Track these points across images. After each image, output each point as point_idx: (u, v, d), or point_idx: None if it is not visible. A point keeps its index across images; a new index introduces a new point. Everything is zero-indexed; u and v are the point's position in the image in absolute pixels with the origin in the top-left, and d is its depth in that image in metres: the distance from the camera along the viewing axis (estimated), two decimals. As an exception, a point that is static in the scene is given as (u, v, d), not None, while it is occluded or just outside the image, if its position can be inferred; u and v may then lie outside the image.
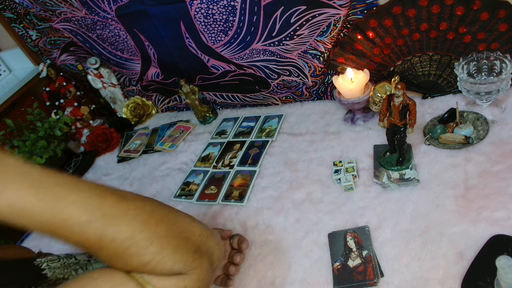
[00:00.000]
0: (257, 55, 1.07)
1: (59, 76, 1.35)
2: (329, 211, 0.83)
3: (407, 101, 0.76)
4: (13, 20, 1.31)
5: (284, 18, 0.95)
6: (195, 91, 1.25)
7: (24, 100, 1.48)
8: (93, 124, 1.40)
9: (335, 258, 0.73)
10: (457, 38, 0.91)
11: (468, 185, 0.76)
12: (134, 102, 1.45)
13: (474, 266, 0.62)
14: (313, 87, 1.13)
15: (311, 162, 0.97)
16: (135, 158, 1.27)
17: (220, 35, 1.04)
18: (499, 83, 0.81)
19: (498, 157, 0.78)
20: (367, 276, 0.68)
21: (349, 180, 0.85)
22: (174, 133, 1.30)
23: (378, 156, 0.89)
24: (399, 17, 0.93)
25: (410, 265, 0.67)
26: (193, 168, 1.12)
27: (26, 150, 1.18)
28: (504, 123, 0.85)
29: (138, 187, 1.14)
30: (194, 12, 1.01)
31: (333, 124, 1.06)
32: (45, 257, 0.57)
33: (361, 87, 0.97)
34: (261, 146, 1.09)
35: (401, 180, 0.81)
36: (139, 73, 1.31)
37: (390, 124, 0.81)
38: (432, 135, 0.88)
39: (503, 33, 0.87)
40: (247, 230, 0.86)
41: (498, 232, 0.65)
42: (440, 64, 0.95)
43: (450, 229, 0.70)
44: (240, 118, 1.25)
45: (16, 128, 1.24)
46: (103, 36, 1.20)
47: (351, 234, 0.76)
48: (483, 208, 0.71)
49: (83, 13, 1.14)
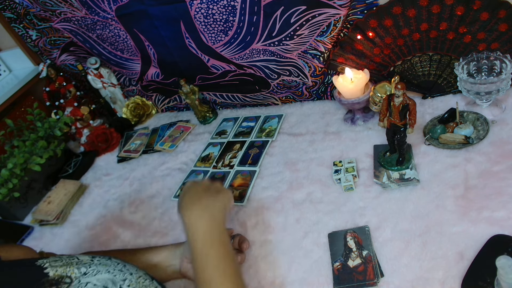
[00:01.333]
0: (257, 55, 1.07)
1: (59, 76, 1.35)
2: (329, 211, 0.83)
3: (407, 101, 0.76)
4: (13, 20, 1.31)
5: (284, 18, 0.95)
6: (195, 91, 1.25)
7: (24, 100, 1.48)
8: (93, 124, 1.40)
9: (335, 258, 0.73)
10: (457, 38, 0.91)
11: (468, 185, 0.76)
12: (134, 102, 1.45)
13: (474, 266, 0.62)
14: (313, 87, 1.13)
15: (311, 162, 0.97)
16: (135, 158, 1.27)
17: (220, 35, 1.04)
18: (499, 83, 0.81)
19: (498, 157, 0.78)
20: (367, 276, 0.68)
21: (349, 180, 0.85)
22: (174, 133, 1.30)
23: (378, 156, 0.89)
24: (399, 17, 0.93)
25: (410, 265, 0.67)
26: (193, 168, 1.12)
27: (26, 150, 1.18)
28: (504, 123, 0.85)
29: (138, 187, 1.14)
30: (194, 12, 1.01)
31: (333, 124, 1.06)
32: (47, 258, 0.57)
33: (361, 87, 0.97)
34: (261, 146, 1.09)
35: (401, 180, 0.81)
36: (139, 73, 1.31)
37: (390, 124, 0.81)
38: (432, 135, 0.88)
39: (503, 33, 0.87)
40: (247, 230, 0.86)
41: (498, 232, 0.65)
42: (440, 64, 0.95)
43: (450, 229, 0.70)
44: (240, 118, 1.25)
45: (16, 128, 1.24)
46: (103, 36, 1.20)
47: (351, 234, 0.76)
48: (483, 208, 0.71)
49: (83, 13, 1.14)
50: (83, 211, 1.14)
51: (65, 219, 1.13)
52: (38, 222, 1.14)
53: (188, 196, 0.74)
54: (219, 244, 0.67)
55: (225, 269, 0.64)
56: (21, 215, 1.19)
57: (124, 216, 1.05)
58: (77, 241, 1.03)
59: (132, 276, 0.58)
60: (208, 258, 0.65)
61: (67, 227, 1.10)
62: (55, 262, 0.55)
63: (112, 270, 0.57)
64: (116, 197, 1.13)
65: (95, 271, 0.56)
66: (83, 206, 1.16)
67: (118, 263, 0.60)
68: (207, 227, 0.69)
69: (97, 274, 0.56)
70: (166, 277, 0.78)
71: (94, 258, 0.59)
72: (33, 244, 1.07)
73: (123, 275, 0.57)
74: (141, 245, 0.93)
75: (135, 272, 0.59)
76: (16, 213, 1.18)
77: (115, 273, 0.57)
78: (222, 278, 0.63)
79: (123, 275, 0.57)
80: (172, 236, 0.93)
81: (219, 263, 0.65)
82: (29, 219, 1.18)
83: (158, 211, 1.02)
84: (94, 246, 0.99)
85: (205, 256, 0.65)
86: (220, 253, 0.66)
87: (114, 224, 1.03)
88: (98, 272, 0.56)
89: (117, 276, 0.56)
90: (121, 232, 1.00)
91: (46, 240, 1.08)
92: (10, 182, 1.13)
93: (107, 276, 0.56)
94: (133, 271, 0.59)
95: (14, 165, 1.13)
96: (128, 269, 0.59)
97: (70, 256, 0.59)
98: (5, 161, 1.15)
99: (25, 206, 1.20)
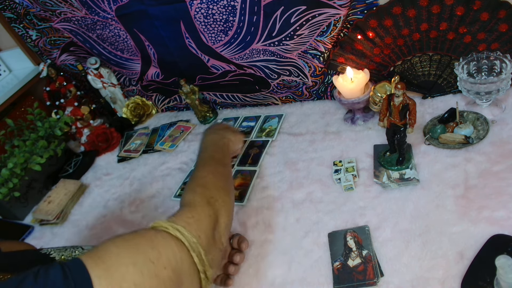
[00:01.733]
0: (257, 55, 1.07)
1: (60, 75, 1.35)
2: (329, 211, 0.83)
3: (407, 101, 0.76)
4: (13, 20, 1.31)
5: (284, 18, 0.95)
6: (195, 91, 1.25)
7: (24, 100, 1.48)
8: (93, 124, 1.41)
9: (335, 257, 0.73)
10: (457, 38, 0.91)
11: (468, 185, 0.76)
12: (134, 102, 1.45)
13: (474, 266, 0.62)
14: (313, 87, 1.13)
15: (311, 162, 0.97)
16: (135, 158, 1.27)
17: (220, 35, 1.05)
18: (499, 83, 0.81)
19: (498, 157, 0.78)
20: (367, 276, 0.68)
21: (349, 180, 0.85)
22: (174, 133, 1.30)
23: (378, 156, 0.89)
24: (399, 17, 0.93)
25: (410, 265, 0.67)
26: (193, 168, 1.12)
27: (26, 150, 1.18)
28: (504, 123, 0.85)
29: (138, 186, 1.14)
30: (194, 12, 1.01)
31: (333, 124, 1.06)
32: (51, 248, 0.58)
33: (361, 87, 0.97)
34: (261, 146, 1.09)
35: (401, 180, 0.81)
36: (139, 73, 1.31)
37: (390, 124, 0.81)
38: (432, 135, 0.88)
39: (503, 33, 0.87)
40: (247, 229, 0.86)
41: (498, 232, 0.65)
42: (440, 64, 0.95)
43: (450, 229, 0.70)
44: (240, 118, 1.25)
45: (17, 127, 1.24)
46: (103, 36, 1.20)
47: (351, 234, 0.76)
48: (483, 208, 0.71)
49: (83, 13, 1.14)
50: (83, 210, 1.14)
51: (65, 218, 1.13)
52: (39, 221, 1.14)
53: (208, 129, 1.03)
54: (216, 154, 0.90)
55: (217, 171, 0.82)
56: (21, 214, 1.19)
57: (124, 215, 1.05)
58: (77, 241, 1.03)
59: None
60: (208, 160, 0.86)
61: (67, 226, 1.10)
62: (59, 251, 0.56)
63: None
64: (116, 197, 1.13)
65: None
66: (83, 206, 1.16)
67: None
68: (214, 141, 0.95)
69: None
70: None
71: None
72: (33, 243, 1.06)
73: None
74: (141, 244, 0.93)
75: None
76: (17, 213, 1.18)
77: None
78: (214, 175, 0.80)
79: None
80: (172, 236, 0.93)
81: (217, 166, 0.84)
82: (29, 218, 1.18)
83: (158, 211, 1.02)
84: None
85: (207, 159, 0.86)
86: (216, 160, 0.87)
87: (114, 223, 1.03)
88: None
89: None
90: (121, 232, 1.00)
91: (46, 240, 1.08)
92: (11, 181, 1.13)
93: None
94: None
95: (14, 164, 1.13)
96: None
97: (74, 246, 0.59)
98: (5, 160, 1.15)
99: (26, 206, 1.20)
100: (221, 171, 0.83)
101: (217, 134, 0.98)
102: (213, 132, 0.99)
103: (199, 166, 0.84)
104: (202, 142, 0.95)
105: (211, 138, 0.96)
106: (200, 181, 0.76)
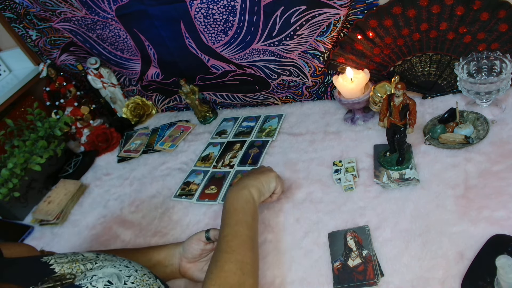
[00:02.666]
0: (257, 55, 1.07)
1: (59, 76, 1.35)
2: (329, 211, 0.83)
3: (407, 101, 0.76)
4: (13, 20, 1.31)
5: (284, 18, 0.95)
6: (195, 91, 1.25)
7: (24, 100, 1.48)
8: (93, 124, 1.41)
9: (335, 258, 0.73)
10: (457, 38, 0.91)
11: (468, 185, 0.76)
12: (134, 102, 1.45)
13: (474, 266, 0.62)
14: (313, 87, 1.13)
15: (311, 162, 0.97)
16: (135, 158, 1.27)
17: (220, 35, 1.05)
18: (499, 83, 0.81)
19: (498, 157, 0.78)
20: (367, 276, 0.68)
21: (349, 180, 0.85)
22: (174, 133, 1.30)
23: (378, 156, 0.89)
24: (399, 17, 0.93)
25: (410, 265, 0.67)
26: (193, 168, 1.12)
27: (26, 150, 1.18)
28: (504, 123, 0.85)
29: (138, 187, 1.14)
30: (194, 12, 1.01)
31: (333, 124, 1.06)
32: (52, 255, 0.57)
33: (361, 87, 0.97)
34: (261, 146, 1.09)
35: (401, 180, 0.81)
36: (139, 73, 1.31)
37: (390, 124, 0.81)
38: (432, 135, 0.88)
39: (503, 33, 0.87)
40: (247, 230, 0.86)
41: (498, 232, 0.65)
42: (440, 64, 0.95)
43: (450, 229, 0.70)
44: (240, 118, 1.25)
45: (16, 128, 1.24)
46: (103, 36, 1.20)
47: (351, 234, 0.76)
48: (483, 207, 0.71)
49: (83, 13, 1.14)
50: (83, 211, 1.14)
51: (65, 219, 1.13)
52: (38, 221, 1.14)
53: (239, 179, 0.85)
54: (240, 221, 0.73)
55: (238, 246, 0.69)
56: (21, 214, 1.19)
57: (124, 216, 1.05)
58: (77, 241, 1.03)
59: (137, 273, 0.57)
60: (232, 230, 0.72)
61: (67, 226, 1.10)
62: (60, 259, 0.55)
63: (117, 266, 0.57)
64: (116, 197, 1.13)
65: (100, 266, 0.56)
66: (83, 206, 1.16)
67: (124, 260, 0.60)
68: (235, 203, 0.76)
69: (103, 268, 0.55)
70: (166, 276, 0.78)
71: (99, 255, 0.59)
72: (33, 244, 1.06)
73: (128, 271, 0.57)
74: (141, 244, 0.93)
75: (140, 269, 0.59)
76: (16, 213, 1.18)
77: (121, 269, 0.56)
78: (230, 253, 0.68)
79: (128, 271, 0.57)
80: (172, 236, 0.93)
81: (246, 240, 0.70)
82: (29, 218, 1.18)
83: (158, 211, 1.02)
84: (94, 246, 0.99)
85: (228, 226, 0.73)
86: (242, 229, 0.72)
87: (114, 224, 1.03)
88: (104, 267, 0.56)
89: (123, 272, 0.56)
90: (121, 232, 1.00)
91: (46, 240, 1.08)
92: (10, 181, 1.13)
93: (112, 270, 0.55)
94: (138, 268, 0.59)
95: (14, 165, 1.13)
96: (134, 266, 0.59)
97: (75, 253, 0.59)
98: (5, 161, 1.15)
99: (25, 206, 1.20)
100: (256, 247, 0.73)
101: (238, 188, 0.80)
102: (236, 187, 0.80)
103: (233, 242, 0.70)
104: (225, 203, 0.78)
105: (231, 202, 0.77)
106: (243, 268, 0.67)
